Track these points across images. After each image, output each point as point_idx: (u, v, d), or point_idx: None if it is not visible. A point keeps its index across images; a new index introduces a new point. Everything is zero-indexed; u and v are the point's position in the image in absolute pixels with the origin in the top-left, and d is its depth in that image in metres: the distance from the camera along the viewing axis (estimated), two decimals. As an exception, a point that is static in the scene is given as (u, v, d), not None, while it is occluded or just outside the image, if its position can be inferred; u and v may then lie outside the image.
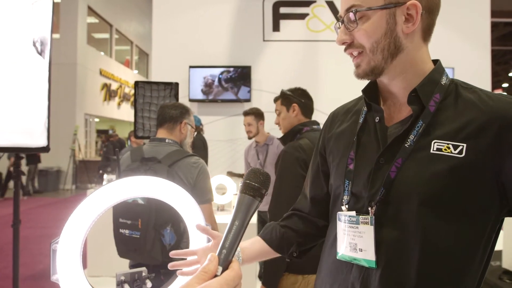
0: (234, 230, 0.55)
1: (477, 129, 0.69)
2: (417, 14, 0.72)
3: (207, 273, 0.50)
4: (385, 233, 0.73)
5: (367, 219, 0.75)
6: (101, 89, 13.07)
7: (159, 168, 1.70)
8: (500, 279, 2.19)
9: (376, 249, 0.73)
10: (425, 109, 0.73)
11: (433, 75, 0.76)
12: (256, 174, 0.58)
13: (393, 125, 0.78)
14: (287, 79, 5.33)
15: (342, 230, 0.79)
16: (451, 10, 5.43)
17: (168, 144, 1.83)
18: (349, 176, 0.80)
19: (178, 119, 1.88)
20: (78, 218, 0.80)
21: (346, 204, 0.79)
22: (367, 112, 0.83)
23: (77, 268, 0.80)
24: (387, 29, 0.73)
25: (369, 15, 0.73)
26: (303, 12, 5.48)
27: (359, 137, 0.82)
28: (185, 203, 0.94)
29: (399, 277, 0.71)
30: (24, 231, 2.21)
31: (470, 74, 5.46)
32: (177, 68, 5.35)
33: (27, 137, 1.90)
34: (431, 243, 0.69)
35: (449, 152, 0.70)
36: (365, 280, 0.74)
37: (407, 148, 0.73)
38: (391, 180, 0.73)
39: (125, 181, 0.85)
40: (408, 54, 0.75)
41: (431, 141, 0.72)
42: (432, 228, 0.70)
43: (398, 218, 0.72)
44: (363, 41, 0.75)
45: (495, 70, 15.32)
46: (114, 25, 13.87)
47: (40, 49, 1.90)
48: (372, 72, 0.76)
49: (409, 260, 0.70)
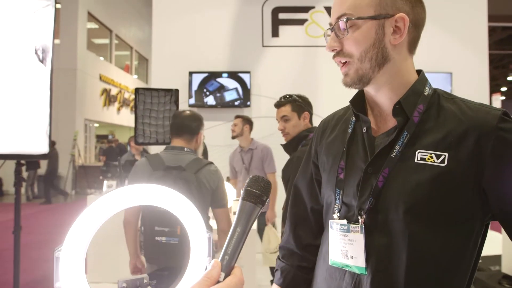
0: (236, 237, 0.56)
1: (458, 138, 0.72)
2: (404, 26, 0.75)
3: (210, 279, 0.51)
4: (374, 240, 0.75)
5: (357, 228, 0.77)
6: (100, 94, 13.10)
7: (188, 176, 1.80)
8: (500, 283, 2.20)
9: (366, 256, 0.75)
10: (409, 120, 0.76)
11: (416, 86, 0.79)
12: (257, 182, 0.59)
13: (380, 135, 0.81)
14: (286, 85, 5.36)
15: (334, 238, 0.82)
16: (449, 15, 5.47)
17: (188, 153, 1.91)
18: (340, 185, 0.83)
19: (196, 131, 1.96)
20: (82, 225, 0.81)
21: (338, 213, 0.82)
22: (355, 122, 0.86)
23: (80, 276, 0.81)
24: (375, 39, 0.75)
25: (359, 25, 0.75)
26: (302, 18, 5.52)
27: (349, 147, 0.84)
28: (188, 212, 0.95)
29: (389, 283, 0.73)
30: (24, 236, 2.21)
31: (468, 79, 5.49)
32: (177, 74, 5.37)
33: (28, 145, 1.91)
34: (418, 250, 0.72)
35: (432, 161, 0.72)
36: (357, 286, 0.77)
37: (393, 158, 0.75)
38: (379, 190, 0.75)
39: (131, 188, 0.87)
40: (395, 65, 0.78)
41: (415, 151, 0.74)
42: (419, 235, 0.72)
43: (387, 226, 0.74)
44: (352, 50, 0.77)
45: (494, 74, 15.39)
46: (113, 31, 13.92)
47: (41, 56, 1.91)
48: (360, 81, 0.78)
49: (398, 266, 0.73)
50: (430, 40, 5.30)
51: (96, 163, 12.20)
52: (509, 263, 2.40)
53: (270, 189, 0.60)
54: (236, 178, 3.67)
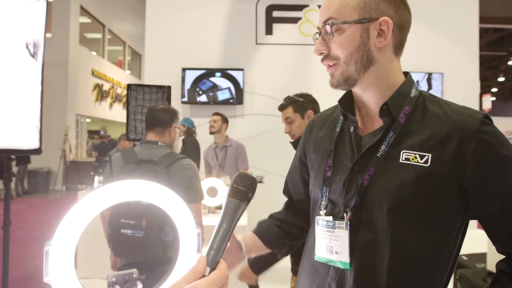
0: (222, 232, 0.57)
1: (441, 140, 0.75)
2: (388, 29, 0.77)
3: (195, 273, 0.53)
4: (359, 237, 0.78)
5: (342, 224, 0.79)
6: (93, 90, 12.98)
7: (158, 170, 1.77)
8: (484, 281, 2.24)
9: (351, 252, 0.78)
10: (395, 121, 0.78)
11: (403, 88, 0.81)
12: (243, 179, 0.60)
13: (367, 135, 0.83)
14: (279, 82, 5.37)
15: (320, 234, 0.84)
16: (440, 16, 5.52)
17: (161, 147, 1.89)
18: (327, 183, 0.85)
19: (168, 124, 1.94)
20: (72, 220, 0.81)
21: (324, 209, 0.84)
22: (343, 121, 0.88)
23: (70, 270, 0.82)
24: (360, 42, 0.78)
25: (344, 29, 0.78)
26: (296, 16, 5.53)
27: (336, 145, 0.87)
28: (177, 208, 0.96)
29: (372, 278, 0.76)
30: (13, 232, 2.20)
31: (459, 79, 5.56)
32: (170, 70, 5.36)
33: (18, 139, 1.90)
34: (401, 246, 0.75)
35: (416, 161, 0.75)
36: (341, 281, 0.79)
37: (378, 157, 0.78)
38: (364, 188, 0.78)
39: (122, 184, 0.87)
40: (380, 67, 0.80)
41: (400, 151, 0.77)
42: (401, 233, 0.75)
43: (371, 223, 0.77)
44: (338, 53, 0.79)
45: (485, 75, 15.56)
46: (106, 25, 13.79)
47: (33, 51, 1.90)
48: (346, 83, 0.81)
49: (381, 262, 0.75)
50: (422, 41, 5.35)
51: (88, 159, 12.11)
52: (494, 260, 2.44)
53: (255, 186, 0.61)
54: (210, 174, 3.71)
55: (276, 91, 5.34)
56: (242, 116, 5.49)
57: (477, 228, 5.36)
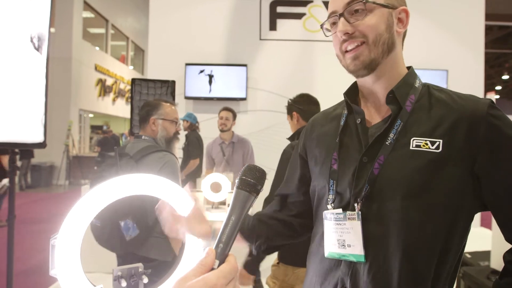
0: (231, 225, 0.56)
1: (451, 125, 0.75)
2: (407, 18, 0.81)
3: (204, 266, 0.52)
4: (371, 227, 0.77)
5: (353, 215, 0.78)
6: (96, 85, 12.99)
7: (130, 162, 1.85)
8: (488, 278, 2.24)
9: (364, 243, 0.76)
10: (402, 109, 0.79)
11: (408, 78, 0.83)
12: (252, 171, 0.59)
13: (374, 125, 0.83)
14: (283, 78, 5.36)
15: (330, 228, 0.82)
16: (445, 13, 5.48)
17: (144, 141, 1.99)
18: (333, 176, 0.84)
19: (146, 118, 2.03)
20: (78, 213, 0.81)
21: (332, 203, 0.83)
22: (347, 115, 0.88)
23: (76, 263, 0.82)
24: (387, 25, 0.79)
25: (373, 9, 0.78)
26: (300, 11, 5.50)
27: (341, 138, 0.86)
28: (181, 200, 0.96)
29: (386, 269, 0.75)
30: (17, 226, 2.21)
31: (463, 77, 5.52)
32: (173, 65, 5.34)
33: (23, 133, 1.90)
34: (413, 234, 0.74)
35: (427, 148, 0.75)
36: (354, 275, 0.77)
37: (388, 146, 0.77)
38: (375, 177, 0.77)
39: (127, 178, 0.87)
40: (397, 54, 0.83)
41: (410, 138, 0.77)
42: (414, 220, 0.74)
43: (383, 212, 0.76)
44: (367, 32, 0.78)
45: (489, 73, 15.47)
46: (110, 20, 13.77)
47: (37, 44, 1.89)
48: (369, 65, 0.80)
49: (394, 252, 0.74)
50: (427, 38, 5.32)
51: (91, 154, 12.13)
52: (498, 258, 2.44)
53: (264, 179, 0.60)
54: (212, 169, 3.68)
55: (280, 87, 5.32)
56: (245, 112, 5.47)
57: (480, 226, 5.35)
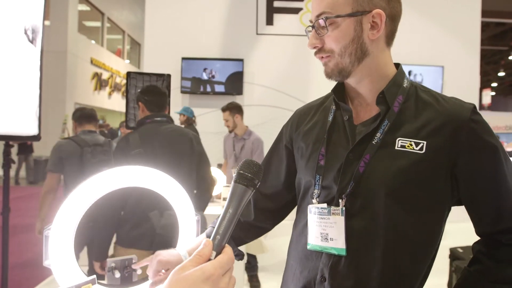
0: (228, 217, 0.58)
1: (435, 128, 0.78)
2: (381, 22, 0.79)
3: (201, 256, 0.54)
4: (354, 223, 0.79)
5: (337, 210, 0.80)
6: (91, 78, 12.90)
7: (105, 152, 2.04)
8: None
9: (346, 238, 0.79)
10: (390, 110, 0.80)
11: (397, 78, 0.84)
12: (250, 165, 0.61)
13: (361, 123, 0.84)
14: (279, 73, 5.35)
15: (313, 222, 0.84)
16: (442, 9, 5.48)
17: None
18: (320, 171, 0.85)
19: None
20: (71, 205, 0.82)
21: (317, 197, 0.85)
22: (335, 111, 0.89)
23: (69, 254, 0.82)
24: (354, 36, 0.79)
25: (338, 22, 0.78)
26: (297, 6, 5.49)
27: (329, 134, 0.87)
28: (176, 195, 0.96)
29: (366, 263, 0.78)
30: (12, 219, 2.20)
31: (459, 73, 5.54)
32: (169, 59, 5.33)
33: (17, 126, 1.89)
34: (395, 231, 0.77)
35: (412, 148, 0.77)
36: (334, 267, 0.80)
37: (374, 145, 0.79)
38: (360, 174, 0.79)
39: (119, 170, 0.88)
40: (374, 58, 0.82)
41: (396, 138, 0.79)
42: (397, 218, 0.77)
43: (366, 209, 0.79)
44: (332, 46, 0.80)
45: (485, 70, 15.53)
46: (105, 14, 13.66)
47: (31, 37, 1.88)
48: (340, 74, 0.82)
49: (375, 247, 0.78)
50: (423, 34, 5.32)
51: (86, 148, 12.06)
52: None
53: (262, 173, 0.62)
54: (226, 159, 3.74)
55: (276, 81, 5.32)
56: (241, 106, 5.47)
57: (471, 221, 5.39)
